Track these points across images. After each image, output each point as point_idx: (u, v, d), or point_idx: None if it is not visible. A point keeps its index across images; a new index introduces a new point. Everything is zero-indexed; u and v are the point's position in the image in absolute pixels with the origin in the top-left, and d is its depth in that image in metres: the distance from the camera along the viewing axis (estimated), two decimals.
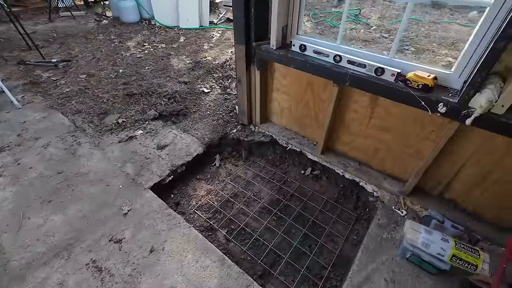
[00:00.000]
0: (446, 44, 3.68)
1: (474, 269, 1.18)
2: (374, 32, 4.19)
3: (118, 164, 1.94)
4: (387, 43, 3.77)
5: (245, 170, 2.14)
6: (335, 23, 4.50)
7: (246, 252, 1.57)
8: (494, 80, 1.12)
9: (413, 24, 4.39)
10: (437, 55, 3.41)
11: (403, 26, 1.34)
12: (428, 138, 1.47)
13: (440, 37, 3.88)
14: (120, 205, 1.66)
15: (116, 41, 4.01)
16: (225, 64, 3.34)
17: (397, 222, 1.57)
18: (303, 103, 1.92)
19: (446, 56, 3.38)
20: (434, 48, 3.57)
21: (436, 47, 3.59)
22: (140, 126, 2.31)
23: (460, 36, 3.88)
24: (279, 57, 1.70)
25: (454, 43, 3.68)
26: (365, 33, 4.15)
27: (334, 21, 4.53)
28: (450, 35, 3.95)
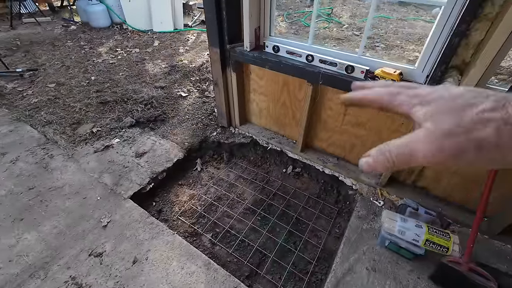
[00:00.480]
0: (413, 40, 3.88)
1: (446, 251, 1.26)
2: (346, 30, 4.34)
3: (94, 175, 1.87)
4: (358, 40, 3.91)
5: (228, 172, 2.15)
6: (308, 23, 4.60)
7: (232, 254, 1.58)
8: (452, 74, 1.20)
9: (382, 22, 4.58)
10: (405, 51, 3.58)
11: (369, 25, 1.40)
12: (399, 130, 1.54)
13: (407, 33, 4.09)
14: (99, 218, 1.60)
15: (86, 47, 3.86)
16: (202, 67, 3.31)
17: (376, 212, 1.64)
18: (281, 103, 1.95)
19: (414, 51, 3.56)
20: (402, 44, 3.75)
21: (404, 43, 3.78)
22: (117, 134, 2.25)
23: (425, 32, 4.10)
24: (253, 58, 1.72)
25: (420, 39, 3.89)
26: (338, 32, 4.28)
27: (308, 21, 4.64)
28: (417, 31, 4.17)
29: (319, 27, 4.45)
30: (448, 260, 1.26)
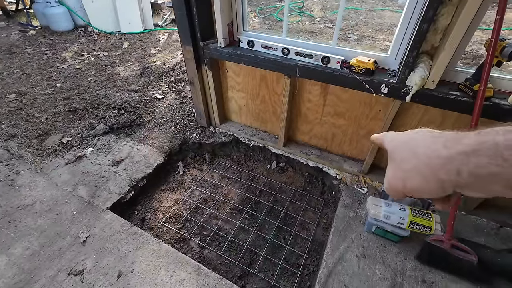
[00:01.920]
0: (383, 30, 4.00)
1: (429, 231, 1.30)
2: (319, 23, 4.39)
3: (68, 189, 1.75)
4: (331, 32, 3.98)
5: (211, 173, 2.10)
6: (281, 17, 4.61)
7: (223, 256, 1.54)
8: (424, 59, 1.23)
9: (352, 13, 4.69)
10: (376, 40, 3.69)
11: (340, 17, 1.40)
12: (376, 117, 1.57)
13: (377, 24, 4.21)
14: (76, 233, 1.50)
15: (48, 53, 3.61)
16: (176, 67, 3.21)
17: (361, 200, 1.67)
18: (260, 99, 1.92)
19: (384, 40, 3.68)
20: (373, 34, 3.86)
21: (375, 33, 3.89)
22: (90, 143, 2.12)
23: (393, 22, 4.25)
24: (228, 55, 1.68)
25: (389, 28, 4.02)
26: (311, 25, 4.32)
27: (280, 15, 4.64)
28: (385, 21, 4.31)
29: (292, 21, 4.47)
30: (431, 239, 1.31)
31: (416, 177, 0.33)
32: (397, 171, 0.36)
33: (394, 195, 0.39)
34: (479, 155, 0.27)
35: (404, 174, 0.35)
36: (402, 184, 0.35)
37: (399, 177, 0.36)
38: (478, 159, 0.27)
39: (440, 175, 0.30)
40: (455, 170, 0.29)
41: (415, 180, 0.33)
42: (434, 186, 0.32)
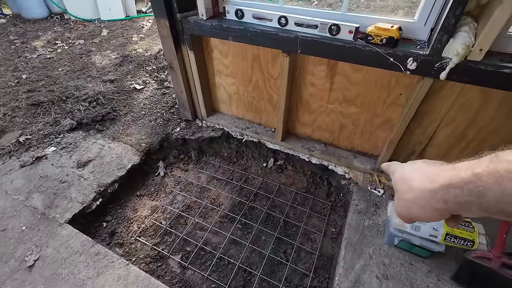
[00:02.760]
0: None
1: (471, 246, 1.02)
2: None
3: (19, 197, 1.43)
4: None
5: (197, 174, 1.79)
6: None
7: (209, 279, 1.24)
8: (467, 21, 0.93)
9: None
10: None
11: None
12: (396, 103, 1.28)
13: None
14: (22, 256, 1.19)
15: (17, 42, 3.23)
16: (159, 53, 2.87)
17: (377, 204, 1.38)
18: (252, 85, 1.61)
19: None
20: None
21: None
22: (52, 141, 1.79)
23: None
24: (212, 29, 1.36)
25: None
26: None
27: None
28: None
29: None
30: (475, 255, 1.02)
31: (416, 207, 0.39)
32: (401, 201, 0.42)
33: (405, 221, 0.43)
34: (454, 188, 0.33)
35: (406, 203, 0.40)
36: (407, 212, 0.41)
37: (404, 206, 0.41)
38: (454, 191, 0.33)
39: (433, 204, 0.36)
40: (442, 200, 0.35)
41: (415, 210, 0.39)
42: (432, 213, 0.37)
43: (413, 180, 0.40)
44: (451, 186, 0.34)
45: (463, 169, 0.33)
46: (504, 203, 0.29)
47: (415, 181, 0.39)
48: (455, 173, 0.34)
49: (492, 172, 0.30)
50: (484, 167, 0.31)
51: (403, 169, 0.44)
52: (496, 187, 0.29)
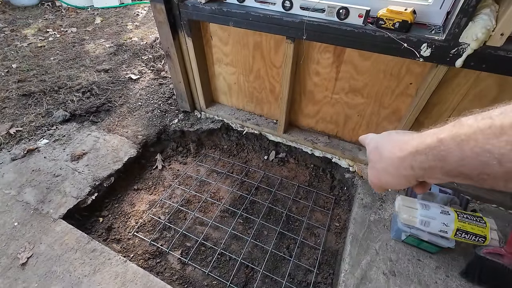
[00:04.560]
0: None
1: (483, 241, 0.98)
2: None
3: (11, 192, 1.37)
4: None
5: (197, 167, 1.73)
6: None
7: (210, 275, 1.21)
8: (488, 3, 0.86)
9: None
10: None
11: None
12: (405, 93, 1.22)
13: None
14: (15, 253, 1.14)
15: (6, 30, 3.10)
16: (155, 42, 2.77)
17: (383, 198, 1.33)
18: (254, 74, 1.54)
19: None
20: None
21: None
22: (45, 133, 1.72)
23: None
24: (212, 13, 1.27)
25: None
26: None
27: None
28: None
29: None
30: (486, 251, 0.99)
31: (386, 174, 0.41)
32: (373, 170, 0.44)
33: (376, 189, 0.46)
34: (420, 154, 0.35)
35: (378, 172, 0.43)
36: (378, 180, 0.43)
37: (375, 175, 0.44)
38: (420, 158, 0.35)
39: (401, 171, 0.38)
40: (409, 166, 0.37)
41: (386, 177, 0.41)
42: (400, 180, 0.40)
43: (385, 149, 0.41)
44: (418, 153, 0.35)
45: (429, 135, 0.34)
46: (463, 166, 0.30)
47: (386, 150, 0.41)
48: (422, 140, 0.35)
49: (454, 136, 0.31)
50: (447, 132, 0.32)
51: (377, 139, 0.45)
52: (457, 150, 0.30)
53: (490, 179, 0.29)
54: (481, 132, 0.28)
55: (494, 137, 0.27)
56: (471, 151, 0.29)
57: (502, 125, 0.27)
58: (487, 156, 0.28)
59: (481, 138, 0.28)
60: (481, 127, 0.28)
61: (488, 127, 0.28)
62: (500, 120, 0.27)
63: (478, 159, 0.29)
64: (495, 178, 0.29)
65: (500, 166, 0.27)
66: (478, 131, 0.28)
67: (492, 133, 0.27)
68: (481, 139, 0.28)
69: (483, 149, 0.28)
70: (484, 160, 0.28)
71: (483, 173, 0.29)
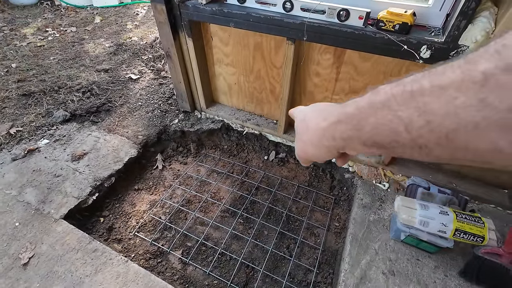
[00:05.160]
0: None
1: (481, 241, 0.99)
2: None
3: (12, 192, 1.37)
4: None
5: (197, 167, 1.74)
6: None
7: (211, 275, 1.21)
8: (487, 5, 0.87)
9: None
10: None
11: None
12: None
13: None
14: (16, 253, 1.14)
15: (5, 30, 3.09)
16: (155, 42, 2.77)
17: (382, 198, 1.34)
18: (254, 74, 1.54)
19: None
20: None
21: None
22: (45, 133, 1.72)
23: None
24: (212, 14, 1.28)
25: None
26: None
27: None
28: None
29: None
30: (484, 251, 1.00)
31: (311, 146, 0.41)
32: (299, 142, 0.44)
33: (302, 161, 0.46)
34: (341, 124, 0.35)
35: (303, 144, 0.42)
36: (304, 152, 0.43)
37: (301, 147, 0.43)
38: (341, 127, 0.35)
39: (323, 142, 0.38)
40: (331, 136, 0.37)
41: (311, 148, 0.41)
42: (323, 151, 0.39)
43: (311, 121, 0.41)
44: (339, 122, 0.35)
45: (350, 104, 0.34)
46: (377, 134, 0.30)
47: (311, 123, 0.40)
48: (344, 110, 0.35)
49: (371, 104, 0.31)
50: (366, 100, 0.32)
51: (305, 111, 0.44)
52: (372, 118, 0.30)
53: (399, 147, 0.29)
54: (394, 98, 0.28)
55: (404, 103, 0.27)
56: (384, 118, 0.29)
57: (412, 91, 0.27)
58: (396, 122, 0.28)
59: (394, 104, 0.28)
60: (394, 93, 0.28)
61: (400, 94, 0.28)
62: (411, 87, 0.27)
63: (389, 126, 0.28)
64: (404, 145, 0.29)
65: (407, 133, 0.27)
66: (392, 98, 0.28)
67: (403, 99, 0.27)
68: (394, 105, 0.28)
69: (394, 115, 0.28)
70: (394, 126, 0.28)
71: (394, 140, 0.29)
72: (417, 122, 0.26)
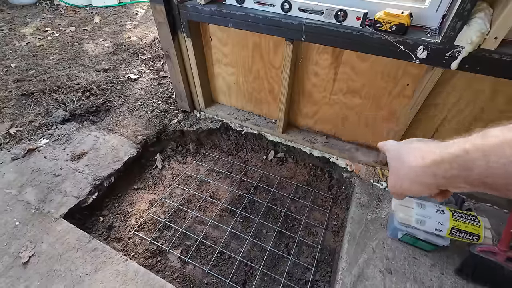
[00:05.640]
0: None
1: (477, 240, 1.00)
2: None
3: (12, 192, 1.38)
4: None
5: (196, 166, 1.75)
6: None
7: (210, 273, 1.22)
8: (483, 6, 0.88)
9: None
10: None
11: None
12: (402, 94, 1.24)
13: None
14: (16, 252, 1.15)
15: (4, 29, 3.09)
16: (154, 42, 2.77)
17: (379, 197, 1.36)
18: (253, 75, 1.55)
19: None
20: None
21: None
22: (45, 133, 1.72)
23: None
24: (211, 14, 1.29)
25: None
26: None
27: None
28: None
29: None
30: (480, 249, 1.01)
31: (407, 181, 0.42)
32: (395, 177, 0.45)
33: (396, 196, 0.47)
34: (444, 163, 0.36)
35: (400, 179, 0.43)
36: (399, 187, 0.44)
37: (396, 181, 0.44)
38: (444, 166, 0.35)
39: (423, 179, 0.39)
40: (432, 174, 0.37)
41: (407, 184, 0.42)
42: (422, 187, 0.40)
43: (407, 157, 0.42)
44: (442, 162, 0.36)
45: (454, 145, 0.35)
46: (488, 177, 0.31)
47: (408, 158, 0.41)
48: (446, 150, 0.36)
49: (479, 147, 0.31)
50: (473, 143, 0.32)
51: (398, 146, 0.46)
52: (483, 161, 0.31)
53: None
54: (507, 143, 0.29)
55: None
56: (497, 162, 0.29)
57: None
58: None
59: (508, 149, 0.28)
60: (508, 138, 0.29)
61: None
62: None
63: (504, 170, 0.29)
64: None
65: None
66: (505, 142, 0.29)
67: None
68: (508, 150, 0.28)
69: (509, 159, 0.28)
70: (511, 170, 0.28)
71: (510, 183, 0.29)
72: None
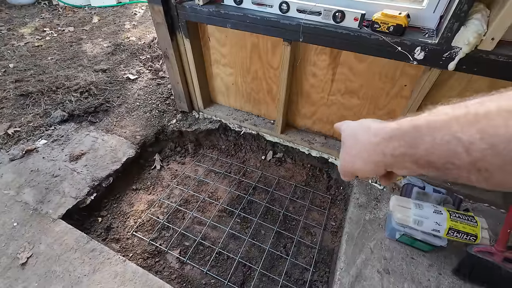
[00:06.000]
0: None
1: (474, 240, 1.01)
2: None
3: (10, 192, 1.38)
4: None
5: (195, 167, 1.75)
6: None
7: (208, 274, 1.23)
8: (479, 8, 0.89)
9: None
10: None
11: None
12: (400, 95, 1.24)
13: None
14: (14, 253, 1.15)
15: (3, 29, 3.08)
16: (153, 42, 2.77)
17: (378, 198, 1.36)
18: (251, 75, 1.55)
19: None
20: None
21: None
22: (43, 133, 1.72)
23: None
24: (209, 15, 1.29)
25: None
26: None
27: None
28: None
29: None
30: (477, 249, 1.01)
31: (359, 160, 0.41)
32: (346, 156, 0.44)
33: (345, 175, 0.46)
34: (393, 140, 0.35)
35: (351, 158, 0.43)
36: (351, 166, 0.43)
37: (348, 161, 0.43)
38: (393, 143, 0.35)
39: (373, 157, 0.38)
40: (381, 152, 0.37)
41: (359, 162, 0.41)
42: (371, 166, 0.39)
43: (361, 135, 0.41)
44: (392, 139, 0.35)
45: (405, 122, 0.34)
46: (432, 154, 0.30)
47: (361, 137, 0.41)
48: (397, 127, 0.35)
49: (429, 123, 0.31)
50: (424, 120, 0.32)
51: (353, 126, 0.45)
52: (429, 137, 0.30)
53: (455, 168, 0.29)
54: (456, 120, 0.28)
55: (467, 125, 0.27)
56: (442, 138, 0.29)
57: (477, 114, 0.27)
58: (455, 144, 0.28)
59: (455, 126, 0.28)
60: (457, 115, 0.29)
61: (463, 116, 0.28)
62: (475, 109, 0.27)
63: (447, 147, 0.29)
64: (460, 168, 0.29)
65: (467, 155, 0.27)
66: (453, 119, 0.29)
67: (466, 121, 0.28)
68: (455, 127, 0.28)
69: (453, 136, 0.28)
70: (452, 148, 0.28)
71: (449, 162, 0.29)
72: (480, 144, 0.26)
